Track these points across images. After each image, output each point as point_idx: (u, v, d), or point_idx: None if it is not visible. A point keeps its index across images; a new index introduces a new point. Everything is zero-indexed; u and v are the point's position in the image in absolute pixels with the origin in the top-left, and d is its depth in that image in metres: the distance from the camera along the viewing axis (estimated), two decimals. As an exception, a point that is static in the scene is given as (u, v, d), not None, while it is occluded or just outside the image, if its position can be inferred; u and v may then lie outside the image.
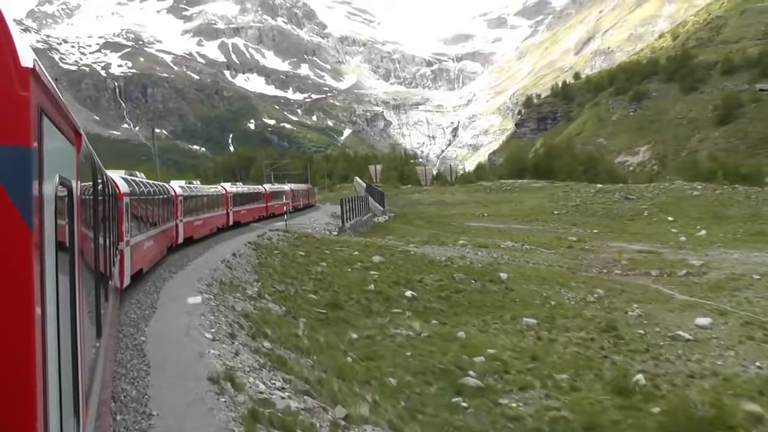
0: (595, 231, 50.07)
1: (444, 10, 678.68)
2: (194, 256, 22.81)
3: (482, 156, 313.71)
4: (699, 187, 62.83)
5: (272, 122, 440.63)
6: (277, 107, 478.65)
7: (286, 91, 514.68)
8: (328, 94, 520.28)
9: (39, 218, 2.10)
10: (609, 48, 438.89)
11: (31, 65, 2.06)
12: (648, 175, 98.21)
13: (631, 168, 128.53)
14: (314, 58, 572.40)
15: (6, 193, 1.95)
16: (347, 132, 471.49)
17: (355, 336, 18.03)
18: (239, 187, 43.00)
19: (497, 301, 24.50)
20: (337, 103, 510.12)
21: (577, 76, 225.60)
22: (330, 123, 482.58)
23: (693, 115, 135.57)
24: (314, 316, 19.31)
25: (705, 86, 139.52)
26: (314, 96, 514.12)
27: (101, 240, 6.38)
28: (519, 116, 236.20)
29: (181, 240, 25.55)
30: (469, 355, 17.32)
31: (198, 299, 13.71)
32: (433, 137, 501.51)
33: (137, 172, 21.06)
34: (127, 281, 14.57)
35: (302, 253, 28.05)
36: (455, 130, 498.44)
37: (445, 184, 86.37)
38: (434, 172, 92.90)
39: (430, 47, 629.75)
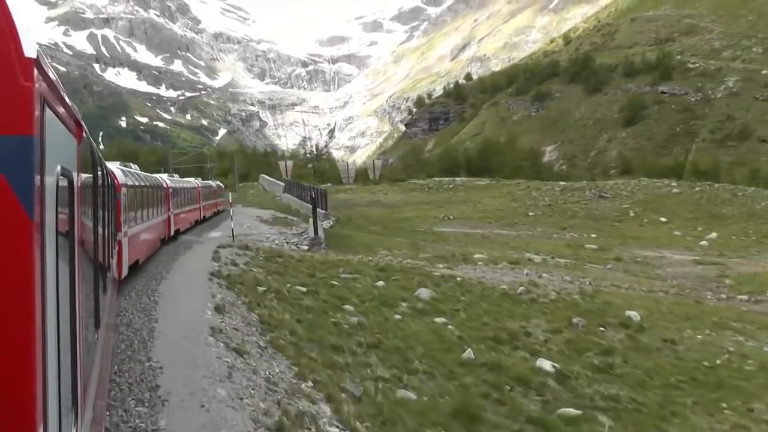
0: (593, 235, 41.01)
1: (319, 11, 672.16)
2: (142, 318, 10.14)
3: (360, 158, 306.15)
4: (674, 184, 56.14)
5: (145, 120, 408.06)
6: (149, 104, 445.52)
7: (159, 88, 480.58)
8: (203, 92, 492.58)
9: (40, 208, 2.06)
10: (485, 55, 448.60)
11: (34, 56, 2.02)
12: (590, 172, 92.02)
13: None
14: (188, 54, 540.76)
15: (7, 183, 1.91)
16: (222, 132, 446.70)
17: None
18: (203, 182, 41.15)
19: (689, 371, 13.73)
20: (212, 102, 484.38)
21: (468, 77, 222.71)
22: (204, 122, 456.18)
23: (599, 115, 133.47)
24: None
25: (608, 88, 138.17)
26: (188, 94, 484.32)
27: (100, 230, 6.00)
28: (410, 116, 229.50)
29: (172, 233, 24.06)
30: None
31: None
32: (310, 138, 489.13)
33: (131, 164, 19.15)
34: (125, 272, 13.66)
35: (302, 289, 15.97)
36: (332, 131, 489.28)
37: (367, 182, 75.10)
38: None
39: (306, 48, 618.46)
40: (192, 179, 39.77)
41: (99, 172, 6.04)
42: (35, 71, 2.01)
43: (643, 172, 67.23)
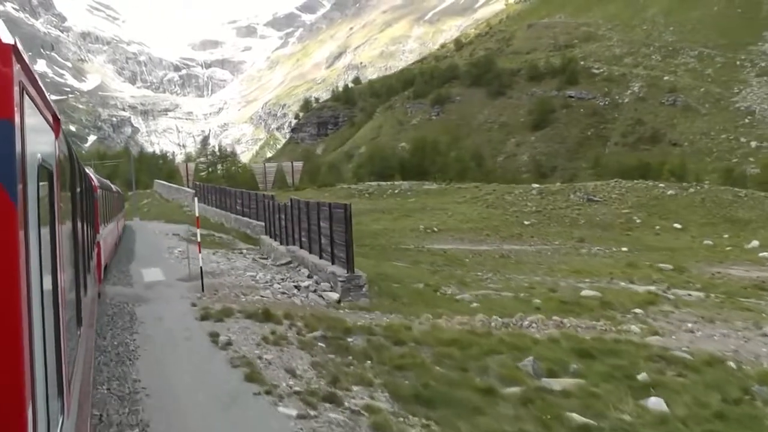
0: (624, 249, 32.58)
1: (192, 13, 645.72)
2: None
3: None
4: (662, 185, 49.46)
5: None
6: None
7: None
8: (70, 96, 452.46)
9: (23, 194, 1.99)
10: (361, 63, 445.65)
11: (12, 42, 2.00)
12: (534, 174, 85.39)
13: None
14: (53, 54, 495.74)
15: None
16: (92, 138, 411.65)
17: None
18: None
19: None
20: (81, 106, 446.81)
21: (357, 81, 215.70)
22: (73, 128, 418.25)
23: (504, 119, 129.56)
24: None
25: (513, 92, 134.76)
26: (54, 97, 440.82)
27: (81, 228, 5.76)
28: (297, 120, 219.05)
29: (119, 237, 22.98)
30: None
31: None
32: (184, 146, 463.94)
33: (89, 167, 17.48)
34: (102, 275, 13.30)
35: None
36: (206, 138, 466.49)
37: (285, 187, 63.38)
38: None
39: (178, 51, 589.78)
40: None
41: (77, 170, 5.78)
42: (13, 57, 1.96)
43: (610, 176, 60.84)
